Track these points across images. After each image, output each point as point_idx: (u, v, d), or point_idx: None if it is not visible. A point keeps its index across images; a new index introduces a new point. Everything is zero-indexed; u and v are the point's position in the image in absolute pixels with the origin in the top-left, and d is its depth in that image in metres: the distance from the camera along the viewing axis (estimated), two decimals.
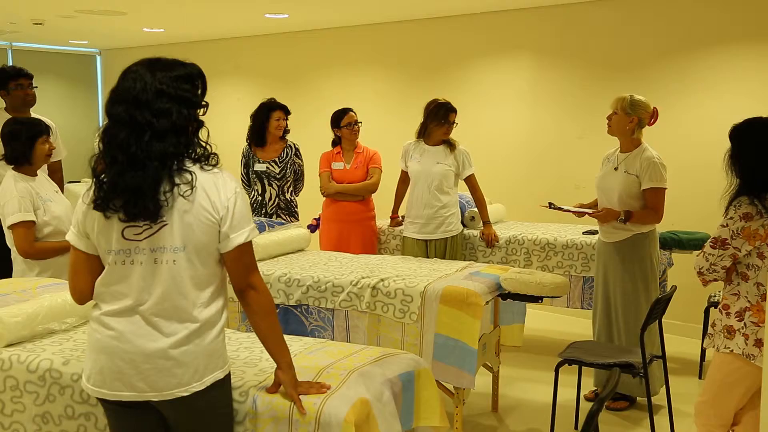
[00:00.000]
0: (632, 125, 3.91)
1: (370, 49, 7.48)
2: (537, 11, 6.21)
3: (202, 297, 2.03)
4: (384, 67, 7.40)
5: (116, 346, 2.01)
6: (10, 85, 4.37)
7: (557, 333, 5.62)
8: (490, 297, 3.55)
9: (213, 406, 2.10)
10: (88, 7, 6.54)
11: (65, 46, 9.82)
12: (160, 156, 1.95)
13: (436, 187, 4.66)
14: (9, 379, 2.50)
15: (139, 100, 1.95)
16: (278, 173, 5.12)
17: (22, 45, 9.47)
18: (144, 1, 6.24)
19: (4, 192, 3.42)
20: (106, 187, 1.96)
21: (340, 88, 7.70)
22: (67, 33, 8.48)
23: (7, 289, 2.89)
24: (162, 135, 1.95)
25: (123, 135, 1.95)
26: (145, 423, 2.11)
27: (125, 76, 2.00)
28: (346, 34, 7.63)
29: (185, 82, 2.01)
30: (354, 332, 3.67)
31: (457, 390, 3.47)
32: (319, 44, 7.87)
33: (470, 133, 5.93)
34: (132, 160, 1.94)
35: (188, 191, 1.97)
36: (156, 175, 1.94)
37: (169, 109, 1.96)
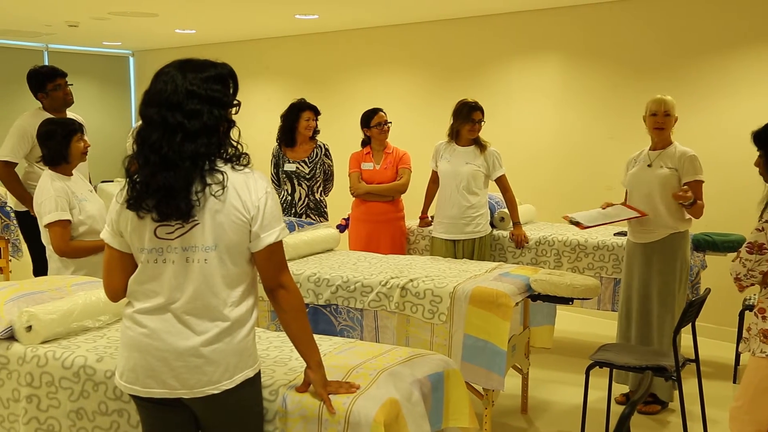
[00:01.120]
0: (675, 123, 3.97)
1: (399, 50, 7.48)
2: (566, 11, 6.16)
3: (232, 296, 2.05)
4: (413, 67, 7.39)
5: (149, 343, 2.03)
6: (48, 86, 4.40)
7: (587, 335, 5.57)
8: (520, 298, 3.53)
9: (243, 404, 2.12)
10: (122, 9, 6.63)
11: (99, 48, 9.96)
12: (192, 156, 1.97)
13: (465, 188, 4.65)
14: (45, 375, 2.54)
15: (171, 102, 1.97)
16: (308, 173, 5.14)
17: (58, 47, 9.63)
18: (176, 2, 6.31)
19: (40, 191, 3.47)
20: (139, 187, 1.99)
21: (370, 88, 7.71)
22: (100, 34, 8.61)
23: (43, 287, 2.94)
24: (193, 136, 1.97)
25: (155, 136, 1.97)
26: (177, 420, 2.13)
27: (157, 78, 2.03)
28: (375, 34, 7.64)
29: (216, 83, 2.03)
30: (383, 332, 3.67)
31: (486, 391, 3.45)
32: (348, 45, 7.89)
33: (499, 134, 5.91)
34: (164, 160, 1.96)
35: (219, 191, 1.99)
36: (188, 176, 1.96)
37: (200, 110, 1.98)
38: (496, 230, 4.99)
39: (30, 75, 4.44)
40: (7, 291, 2.81)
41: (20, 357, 2.60)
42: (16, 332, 2.65)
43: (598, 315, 5.79)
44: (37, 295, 2.84)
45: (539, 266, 4.80)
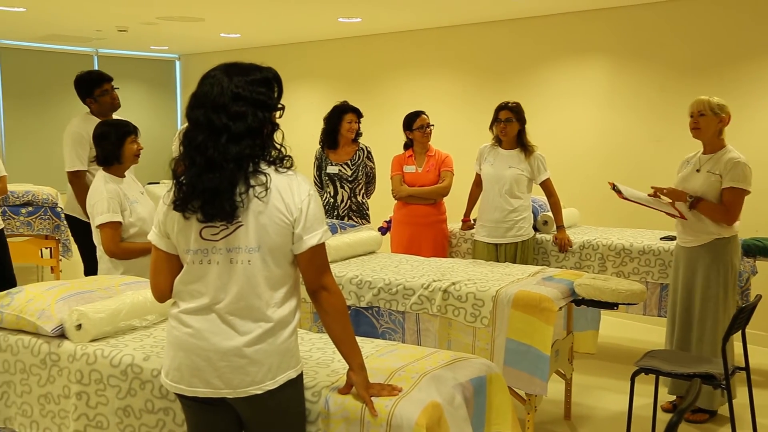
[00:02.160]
0: (721, 125, 3.83)
1: (442, 52, 7.47)
2: (611, 12, 6.08)
3: (275, 297, 2.06)
4: (456, 70, 7.37)
5: (193, 343, 2.06)
6: (95, 92, 4.48)
7: (633, 341, 5.48)
8: (564, 303, 3.49)
9: (286, 405, 2.13)
10: (169, 14, 6.76)
11: (147, 52, 10.16)
12: (236, 158, 1.99)
13: (507, 192, 4.62)
14: (94, 372, 2.60)
15: (217, 104, 2.00)
16: (350, 176, 5.16)
17: (107, 51, 9.86)
18: (222, 7, 6.41)
19: (94, 192, 3.54)
20: (185, 188, 2.02)
21: (413, 90, 7.71)
22: (148, 39, 8.78)
23: (92, 286, 3.00)
24: (238, 138, 2.00)
25: (201, 138, 2.00)
26: (221, 420, 2.15)
27: (203, 81, 2.06)
28: (418, 37, 7.64)
29: (261, 86, 2.05)
30: (425, 335, 3.66)
31: (529, 396, 3.42)
32: (391, 47, 7.91)
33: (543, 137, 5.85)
34: (209, 162, 1.99)
35: (263, 192, 2.01)
36: (232, 177, 1.99)
37: (245, 112, 2.00)
38: (539, 234, 4.94)
39: (77, 81, 4.52)
40: (58, 290, 2.88)
41: (70, 354, 2.66)
42: (67, 330, 2.71)
43: (643, 321, 5.69)
44: (87, 294, 2.90)
45: (583, 270, 4.74)
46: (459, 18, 6.88)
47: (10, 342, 2.78)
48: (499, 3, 6.04)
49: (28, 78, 9.27)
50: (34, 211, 6.55)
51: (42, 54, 9.33)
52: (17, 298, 2.85)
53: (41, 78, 9.35)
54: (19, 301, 2.82)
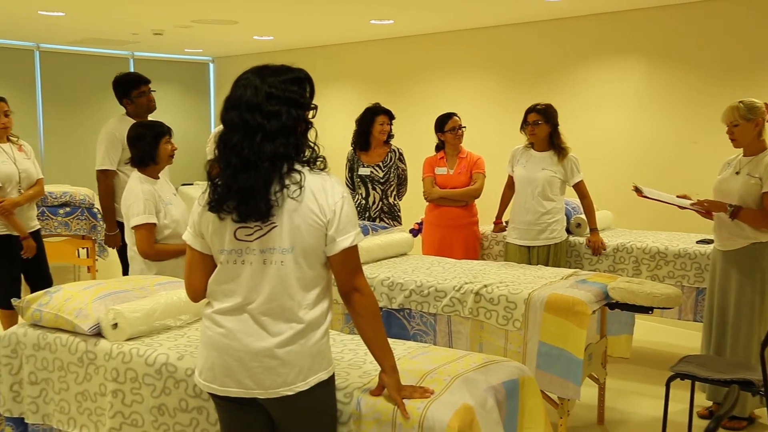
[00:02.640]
0: (758, 128, 3.74)
1: (474, 53, 7.44)
2: (647, 13, 6.00)
3: (308, 298, 2.07)
4: (489, 71, 7.34)
5: (226, 343, 2.08)
6: (132, 93, 4.54)
7: (668, 345, 5.40)
8: (597, 306, 3.46)
9: (317, 406, 2.14)
10: (204, 17, 6.83)
11: (181, 55, 10.29)
12: (271, 156, 2.01)
13: (540, 194, 4.58)
14: (129, 371, 2.64)
15: (251, 105, 2.02)
16: (382, 177, 5.17)
17: (142, 54, 10.00)
18: (255, 10, 6.46)
19: (129, 193, 3.57)
20: (220, 189, 2.04)
21: (444, 92, 7.69)
22: (183, 42, 8.89)
23: (128, 286, 3.05)
24: (272, 136, 2.01)
25: (236, 139, 2.02)
26: (253, 420, 2.16)
27: (237, 84, 2.08)
28: (450, 38, 7.62)
29: (293, 84, 2.07)
30: (456, 338, 3.65)
31: (562, 400, 3.39)
32: (423, 49, 7.90)
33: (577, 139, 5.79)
34: (245, 162, 2.01)
35: (297, 192, 2.02)
36: (267, 176, 2.00)
37: (279, 110, 2.02)
38: (572, 236, 4.89)
39: (116, 82, 4.59)
40: (95, 289, 2.93)
41: (107, 353, 2.70)
42: (103, 329, 2.76)
43: (679, 325, 5.61)
44: (123, 293, 2.94)
45: (617, 274, 4.69)
46: (491, 19, 6.85)
47: (49, 340, 2.84)
48: (532, 4, 6.01)
49: (66, 81, 9.45)
50: (72, 212, 6.68)
51: (80, 57, 9.51)
52: (55, 297, 2.90)
53: (79, 81, 9.52)
54: (58, 300, 2.87)
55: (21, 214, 4.47)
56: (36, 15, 6.83)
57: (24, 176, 4.50)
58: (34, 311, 2.89)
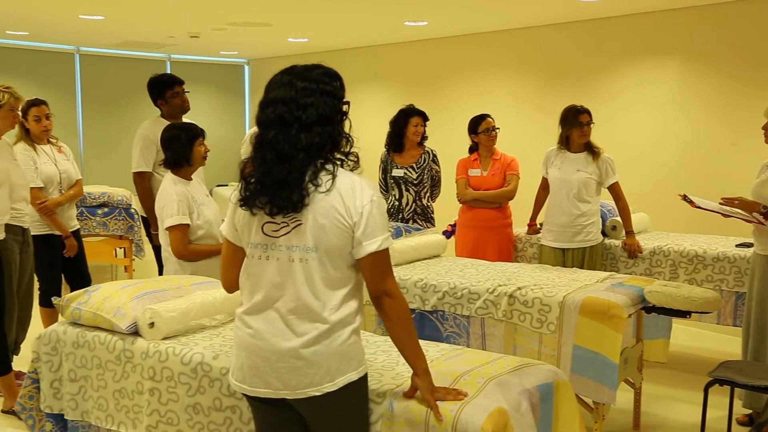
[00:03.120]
0: None
1: (508, 55, 7.40)
2: (685, 12, 5.91)
3: (333, 298, 2.06)
4: (522, 73, 7.29)
5: (254, 343, 2.09)
6: (166, 94, 4.60)
7: (706, 350, 5.31)
8: (633, 310, 3.41)
9: (347, 408, 2.13)
10: (239, 19, 6.90)
11: (217, 57, 10.40)
12: (307, 147, 2.02)
13: (575, 195, 4.54)
14: (165, 370, 2.67)
15: (286, 100, 2.04)
16: (415, 179, 5.16)
17: (179, 57, 10.14)
18: (290, 12, 6.51)
19: (163, 194, 3.62)
20: (253, 185, 2.06)
21: (478, 93, 7.66)
22: (219, 44, 8.99)
23: (164, 286, 3.09)
24: (309, 126, 2.03)
25: (272, 133, 2.04)
26: (285, 420, 2.17)
27: (270, 85, 2.11)
28: (484, 39, 7.59)
29: (325, 77, 2.09)
30: (490, 340, 3.63)
31: (597, 405, 3.35)
32: (457, 50, 7.88)
33: (613, 141, 5.74)
34: (280, 155, 2.02)
35: (326, 189, 2.02)
36: (302, 167, 2.02)
37: (314, 101, 2.04)
38: (607, 239, 4.84)
39: (150, 83, 4.64)
40: (132, 289, 2.97)
41: (143, 352, 2.74)
42: (140, 328, 2.80)
43: (717, 330, 5.51)
44: (159, 293, 2.98)
45: (653, 277, 4.62)
46: (525, 20, 6.80)
47: (88, 338, 2.89)
48: (566, 5, 5.95)
49: (105, 83, 9.62)
50: (110, 212, 6.78)
51: (118, 60, 9.67)
52: (94, 296, 2.96)
53: (117, 83, 9.68)
54: (96, 299, 2.93)
55: (62, 214, 4.56)
56: (76, 19, 6.96)
57: (64, 177, 4.59)
58: (73, 310, 2.95)
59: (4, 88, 3.98)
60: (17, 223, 4.05)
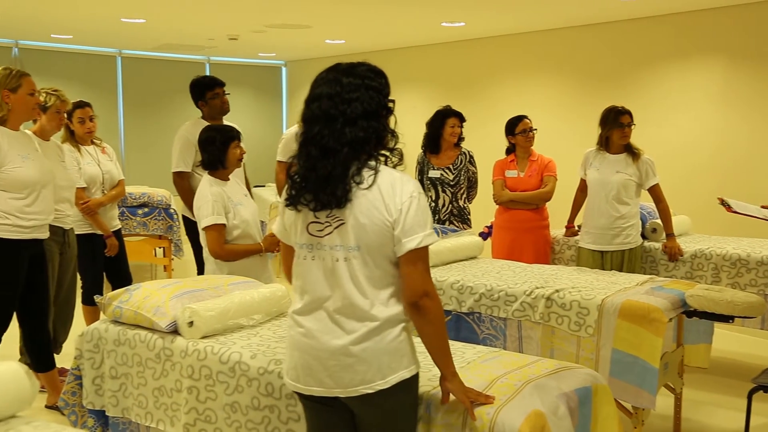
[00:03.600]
0: None
1: (545, 55, 7.34)
2: (729, 11, 5.79)
3: (381, 296, 2.05)
4: (560, 73, 7.23)
5: (306, 342, 2.10)
6: (207, 95, 4.67)
7: (749, 356, 5.20)
8: (674, 314, 3.36)
9: (399, 406, 2.11)
10: (278, 21, 6.96)
11: (255, 59, 10.50)
12: (352, 141, 2.02)
13: (614, 197, 4.48)
14: (204, 368, 2.70)
15: (331, 95, 2.04)
16: (452, 180, 5.15)
17: (218, 59, 10.26)
18: (328, 14, 6.54)
19: (199, 195, 3.67)
20: (297, 183, 2.07)
21: (515, 94, 7.61)
22: (257, 46, 9.07)
23: (203, 285, 3.13)
24: (353, 120, 2.03)
25: (316, 129, 2.04)
26: (337, 420, 2.17)
27: (315, 82, 2.11)
28: (521, 40, 7.54)
29: (370, 73, 2.10)
30: (527, 343, 3.60)
31: (636, 410, 3.30)
32: (494, 51, 7.84)
33: (653, 142, 5.65)
34: (324, 150, 2.02)
35: (367, 186, 2.02)
36: (346, 161, 2.01)
37: (359, 96, 2.04)
38: (647, 242, 4.77)
39: (192, 84, 4.72)
40: (172, 288, 3.01)
41: (182, 350, 2.78)
42: (179, 327, 2.84)
43: (761, 335, 5.39)
44: (198, 292, 3.02)
45: (695, 281, 4.54)
46: (563, 21, 6.74)
47: (128, 336, 2.94)
48: (605, 5, 5.88)
49: (146, 85, 9.78)
50: (150, 212, 6.89)
51: (158, 62, 9.82)
52: (135, 294, 3.00)
53: (157, 85, 9.84)
54: (137, 298, 2.97)
55: (104, 213, 4.64)
56: (118, 22, 7.09)
57: (107, 177, 4.68)
58: (115, 308, 3.00)
59: (52, 91, 4.08)
60: (58, 224, 4.13)
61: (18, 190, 3.53)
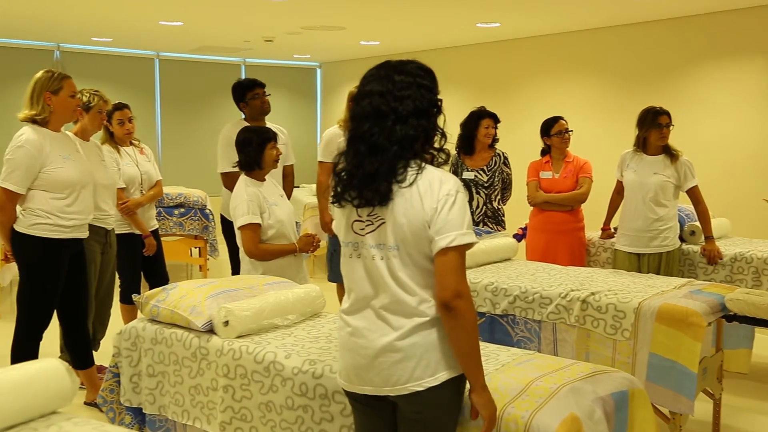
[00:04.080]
0: None
1: (581, 56, 7.26)
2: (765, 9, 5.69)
3: (427, 295, 2.02)
4: (596, 74, 7.15)
5: (354, 341, 2.09)
6: (247, 96, 4.74)
7: None
8: (713, 318, 3.30)
9: (447, 405, 2.06)
10: (313, 23, 7.00)
11: (290, 61, 10.57)
12: (401, 139, 2.01)
13: (652, 199, 4.42)
14: (239, 367, 2.73)
15: (383, 92, 2.04)
16: (486, 181, 5.12)
17: (253, 61, 10.34)
18: (363, 15, 6.56)
19: (235, 195, 3.71)
20: (343, 180, 2.07)
21: (551, 95, 7.55)
22: (292, 48, 9.13)
23: (239, 285, 3.15)
24: (405, 118, 2.02)
25: (366, 126, 2.04)
26: (382, 425, 2.15)
27: (365, 79, 2.11)
28: (556, 41, 7.47)
29: (421, 71, 2.09)
30: (561, 346, 3.57)
31: (674, 415, 3.25)
32: (529, 52, 7.78)
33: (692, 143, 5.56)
34: (372, 147, 2.02)
35: (407, 185, 2.00)
36: (394, 159, 2.00)
37: (411, 94, 2.03)
38: (685, 245, 4.69)
39: (233, 87, 4.83)
40: (208, 287, 3.05)
41: (218, 349, 2.81)
42: (215, 326, 2.87)
43: None
44: (234, 292, 3.05)
45: (734, 285, 4.46)
46: (598, 21, 6.67)
47: (165, 335, 2.98)
48: (641, 4, 5.80)
49: (182, 87, 9.90)
50: (186, 213, 6.97)
51: (195, 64, 9.94)
52: (172, 294, 3.04)
53: (194, 87, 9.95)
54: (174, 297, 3.01)
55: (142, 213, 4.71)
56: (157, 25, 7.19)
57: (145, 178, 4.75)
58: (152, 307, 3.04)
59: (93, 91, 4.15)
60: (101, 225, 4.21)
61: (59, 191, 3.60)
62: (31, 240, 3.58)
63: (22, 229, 3.57)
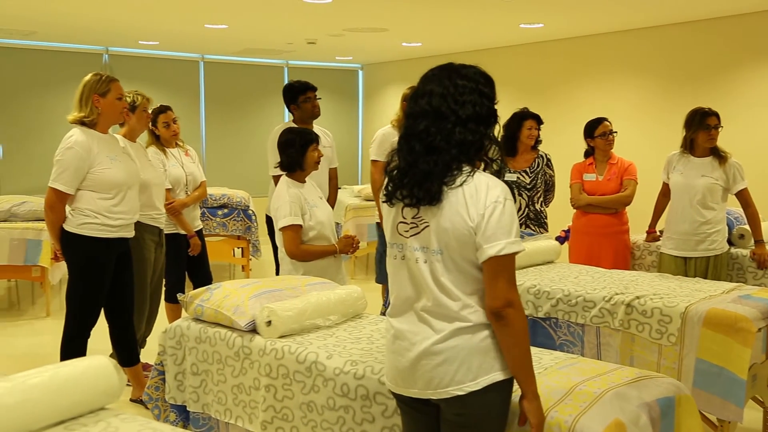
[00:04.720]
0: None
1: (626, 56, 7.15)
2: None
3: (470, 300, 2.01)
4: (641, 75, 7.03)
5: (398, 344, 2.10)
6: (299, 98, 4.80)
7: None
8: (763, 323, 3.21)
9: (489, 411, 2.03)
10: (356, 25, 7.03)
11: (332, 62, 10.63)
12: (460, 143, 2.00)
13: (699, 202, 4.33)
14: (281, 367, 2.75)
15: (444, 93, 2.03)
16: (529, 183, 5.08)
17: (296, 63, 10.43)
18: (405, 17, 6.56)
19: (277, 197, 3.75)
20: (396, 178, 2.06)
21: (594, 97, 7.45)
22: (334, 50, 9.18)
23: (281, 285, 3.18)
24: (464, 122, 2.01)
25: (423, 125, 2.03)
26: (432, 423, 2.14)
27: (426, 77, 2.11)
28: (601, 41, 7.37)
29: (481, 78, 2.09)
30: (605, 350, 3.52)
31: (722, 422, 3.18)
32: (573, 52, 7.70)
33: (740, 145, 5.43)
34: (429, 147, 2.01)
35: (456, 189, 1.99)
36: (450, 161, 1.99)
37: (473, 100, 2.03)
38: (734, 248, 4.58)
39: (285, 89, 4.92)
40: (251, 288, 3.08)
41: (261, 349, 2.83)
42: (258, 326, 2.90)
43: None
44: (276, 292, 3.07)
45: None
46: (644, 20, 6.56)
47: (209, 334, 3.02)
48: (688, 3, 5.68)
49: (227, 89, 10.03)
50: (229, 213, 7.05)
51: (239, 67, 10.06)
52: (215, 293, 3.08)
53: (237, 88, 10.08)
54: (217, 297, 3.05)
55: (187, 214, 4.78)
56: (202, 28, 7.30)
57: (190, 179, 4.82)
58: (196, 306, 3.09)
59: (134, 91, 4.24)
60: (155, 224, 4.30)
61: (106, 191, 3.67)
62: (79, 239, 3.66)
63: (71, 229, 3.66)
